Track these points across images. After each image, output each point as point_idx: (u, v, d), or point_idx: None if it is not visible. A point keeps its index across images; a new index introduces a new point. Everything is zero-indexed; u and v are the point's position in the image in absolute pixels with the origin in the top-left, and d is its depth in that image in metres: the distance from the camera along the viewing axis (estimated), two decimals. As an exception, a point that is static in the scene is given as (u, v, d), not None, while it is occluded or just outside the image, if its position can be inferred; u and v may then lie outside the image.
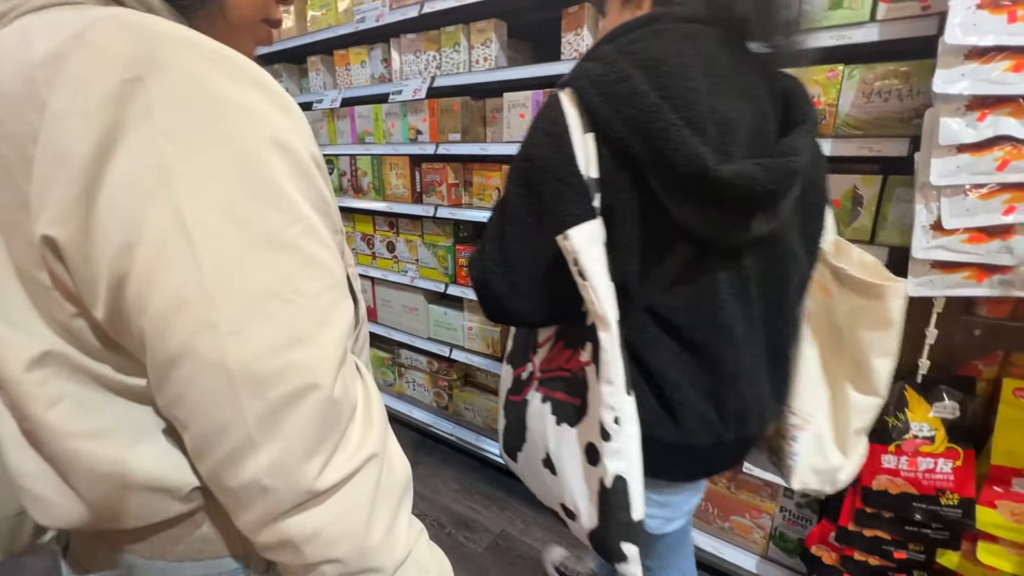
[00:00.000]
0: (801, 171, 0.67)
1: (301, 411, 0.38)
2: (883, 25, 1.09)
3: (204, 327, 0.36)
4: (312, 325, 0.39)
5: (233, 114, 0.36)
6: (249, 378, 0.37)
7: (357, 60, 2.15)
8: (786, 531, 1.54)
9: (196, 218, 0.35)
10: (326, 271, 0.41)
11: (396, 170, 2.11)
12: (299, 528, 0.41)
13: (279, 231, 0.38)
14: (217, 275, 0.36)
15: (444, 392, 2.36)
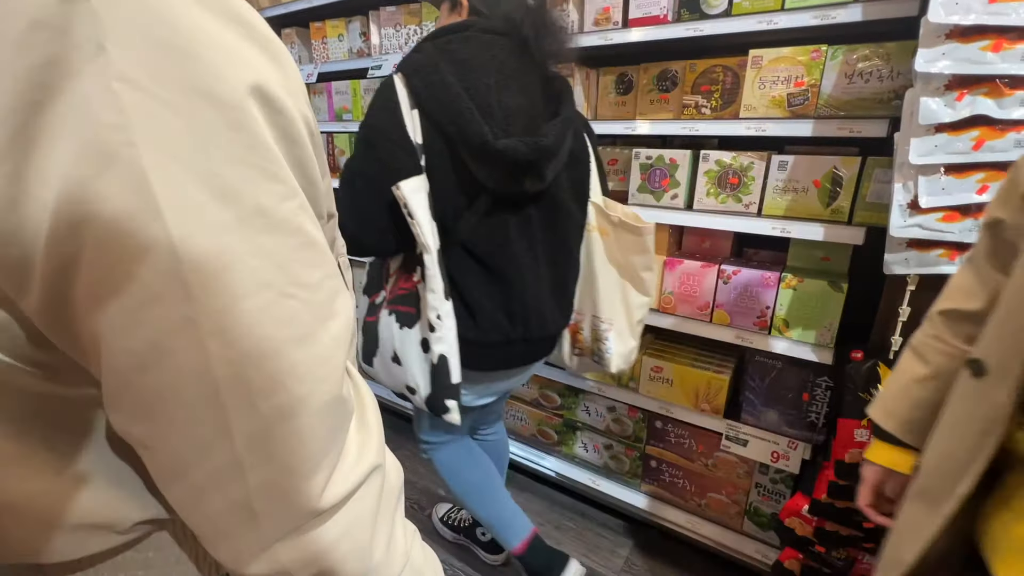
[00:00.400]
0: (552, 149, 0.97)
1: (302, 423, 0.32)
2: (866, 5, 1.10)
3: (181, 325, 0.28)
4: (314, 321, 0.33)
5: (208, 54, 0.28)
6: (239, 387, 0.30)
7: (334, 33, 2.08)
8: (760, 506, 1.58)
9: (168, 190, 0.27)
10: (325, 256, 0.34)
11: (375, 148, 2.05)
12: (299, 553, 0.34)
13: (273, 206, 0.30)
14: (198, 262, 0.28)
15: (424, 376, 2.34)
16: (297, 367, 0.31)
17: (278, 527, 0.34)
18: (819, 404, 1.40)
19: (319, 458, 0.34)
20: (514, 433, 2.08)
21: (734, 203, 1.38)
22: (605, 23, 1.46)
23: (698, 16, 1.32)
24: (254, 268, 0.30)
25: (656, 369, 1.61)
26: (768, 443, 1.47)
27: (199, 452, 0.31)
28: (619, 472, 1.84)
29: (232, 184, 0.29)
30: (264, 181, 0.30)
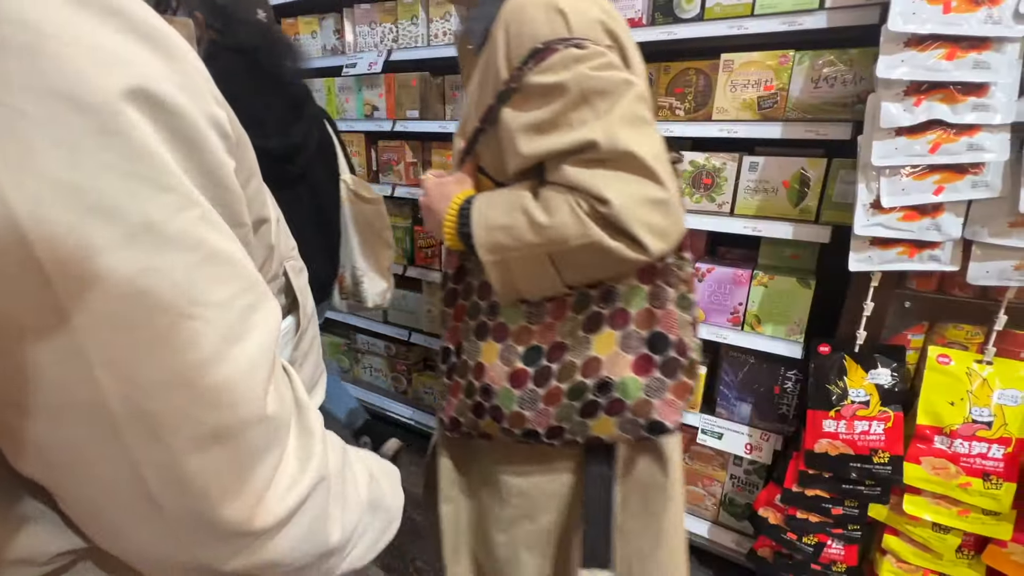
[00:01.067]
0: (299, 145, 1.29)
1: (218, 452, 0.29)
2: (831, 13, 1.14)
3: (65, 360, 0.25)
4: (223, 342, 0.29)
5: (70, 52, 0.24)
6: (140, 422, 0.27)
7: (307, 30, 2.04)
8: (735, 497, 1.63)
9: (30, 210, 0.23)
10: (236, 269, 0.31)
11: (351, 147, 2.03)
12: (253, 564, 0.33)
13: (165, 220, 0.27)
14: (75, 289, 0.24)
15: (403, 376, 2.32)
16: (205, 395, 0.28)
17: (217, 551, 0.31)
18: (789, 396, 1.45)
19: (244, 482, 0.31)
20: (494, 432, 2.08)
21: (708, 203, 1.42)
22: (581, 25, 1.48)
23: (672, 20, 1.35)
24: (146, 290, 0.26)
25: (634, 366, 1.64)
26: (742, 436, 1.51)
27: (108, 494, 0.29)
28: (598, 468, 1.87)
29: (110, 198, 0.25)
30: (151, 192, 0.26)
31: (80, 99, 0.24)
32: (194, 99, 0.29)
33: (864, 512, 1.25)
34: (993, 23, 0.90)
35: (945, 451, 1.12)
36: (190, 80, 0.29)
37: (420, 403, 2.29)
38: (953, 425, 1.11)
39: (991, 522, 1.12)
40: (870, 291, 1.17)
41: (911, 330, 1.22)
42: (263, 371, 0.31)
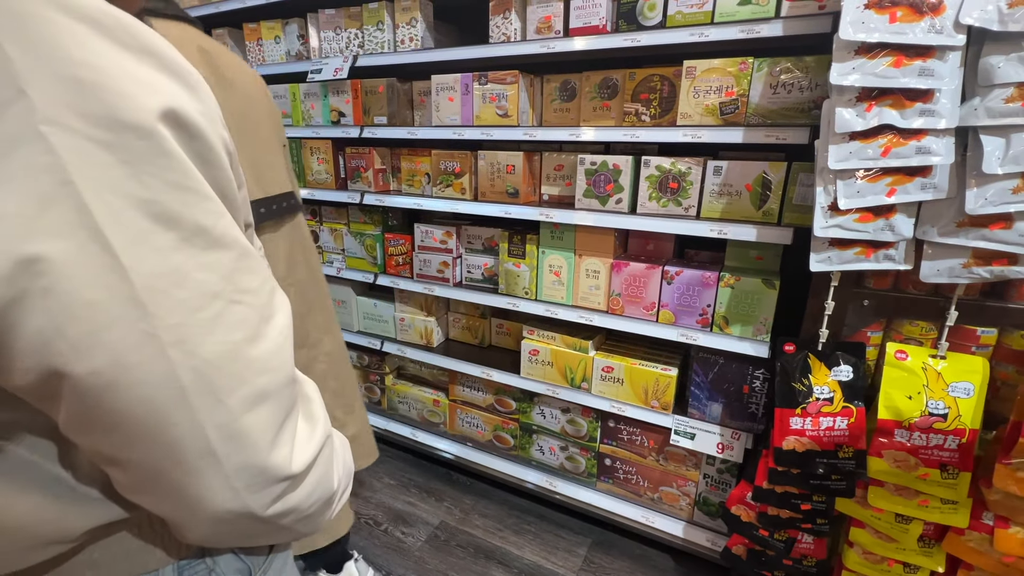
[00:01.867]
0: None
1: (265, 408, 0.37)
2: (786, 21, 1.18)
3: (142, 341, 0.31)
4: (261, 320, 0.37)
5: (127, 88, 0.30)
6: (206, 387, 0.34)
7: (270, 35, 2.00)
8: (709, 496, 1.65)
9: (112, 222, 0.29)
10: (259, 262, 0.39)
11: (317, 154, 1.99)
12: (284, 508, 0.41)
13: (211, 225, 0.34)
14: (152, 285, 0.31)
15: (376, 387, 2.28)
16: (253, 363, 0.36)
17: (264, 497, 0.39)
18: (758, 395, 1.48)
19: (283, 430, 0.39)
20: (471, 440, 2.07)
21: (674, 207, 1.44)
22: (547, 31, 1.49)
23: (635, 27, 1.37)
24: (202, 282, 0.33)
25: (607, 369, 1.65)
26: (714, 435, 1.54)
27: (176, 452, 0.34)
28: (575, 473, 1.87)
29: (171, 207, 0.32)
30: (200, 201, 0.33)
31: (137, 124, 0.30)
32: (211, 123, 0.35)
33: (831, 506, 1.28)
34: (936, 32, 0.94)
35: (905, 444, 1.16)
36: (207, 107, 0.35)
37: (395, 414, 2.25)
38: (912, 418, 1.15)
39: (949, 511, 1.16)
40: (831, 290, 1.20)
41: (870, 327, 1.26)
42: (289, 342, 0.40)
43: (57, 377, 0.30)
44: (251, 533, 0.42)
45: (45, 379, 0.31)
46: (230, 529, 0.40)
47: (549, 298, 1.70)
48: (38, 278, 0.28)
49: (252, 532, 0.42)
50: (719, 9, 1.25)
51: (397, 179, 1.96)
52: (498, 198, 1.69)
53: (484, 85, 1.60)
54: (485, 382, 1.97)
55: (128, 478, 0.37)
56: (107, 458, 0.35)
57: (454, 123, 1.69)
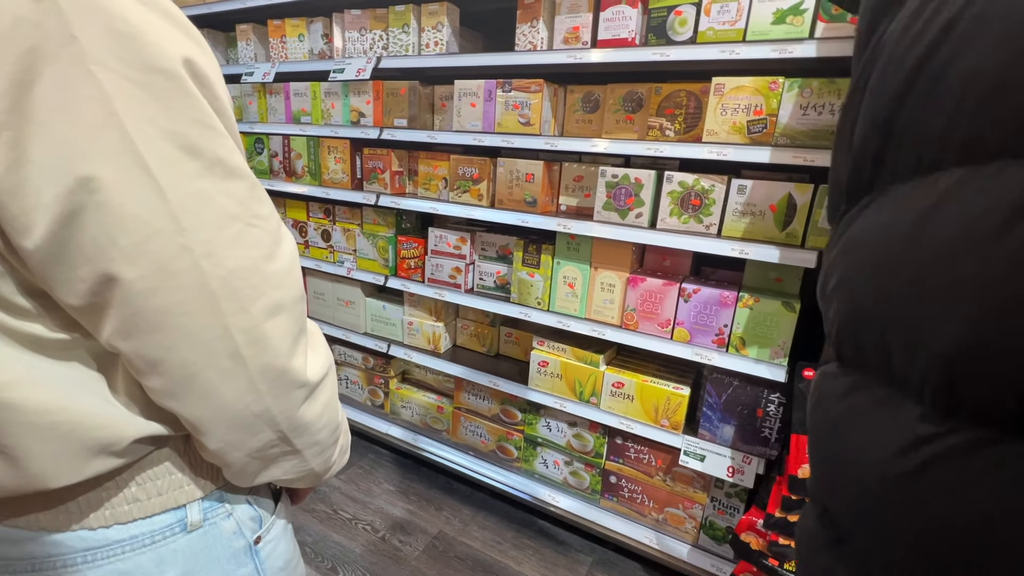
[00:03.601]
0: None
1: (282, 317, 0.42)
2: (820, 43, 1.16)
3: (180, 252, 0.37)
4: (273, 243, 0.42)
5: (153, 38, 0.35)
6: (232, 295, 0.39)
7: (294, 33, 2.00)
8: (716, 520, 1.61)
9: (151, 149, 0.35)
10: (265, 193, 0.44)
11: (335, 154, 1.99)
12: (301, 420, 0.46)
13: (227, 157, 0.39)
14: (185, 204, 0.36)
15: (380, 390, 2.26)
16: (270, 278, 0.41)
17: (281, 402, 0.44)
18: (772, 420, 1.45)
19: (298, 342, 0.44)
20: (473, 449, 2.04)
21: (696, 224, 1.42)
22: (574, 42, 1.48)
23: (665, 42, 1.36)
24: (224, 205, 0.39)
25: (617, 385, 1.62)
26: (724, 458, 1.50)
27: (208, 352, 0.39)
28: (578, 488, 1.84)
29: (195, 140, 0.37)
30: (217, 136, 0.39)
31: (166, 69, 0.35)
32: (216, 76, 0.40)
33: (845, 539, 1.24)
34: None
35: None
36: (212, 62, 0.40)
37: (397, 418, 2.22)
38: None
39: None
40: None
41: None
42: (297, 265, 0.45)
43: (110, 283, 0.36)
44: (267, 449, 0.46)
45: (99, 287, 0.36)
46: (250, 439, 0.45)
47: (562, 310, 1.68)
48: (93, 194, 0.33)
49: (269, 447, 0.46)
50: (752, 27, 1.24)
51: (414, 182, 1.94)
52: (515, 206, 1.67)
53: (508, 92, 1.59)
54: (491, 391, 1.94)
55: (164, 382, 0.40)
56: (149, 361, 0.39)
57: (475, 129, 1.68)
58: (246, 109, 2.20)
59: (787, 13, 1.19)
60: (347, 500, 1.95)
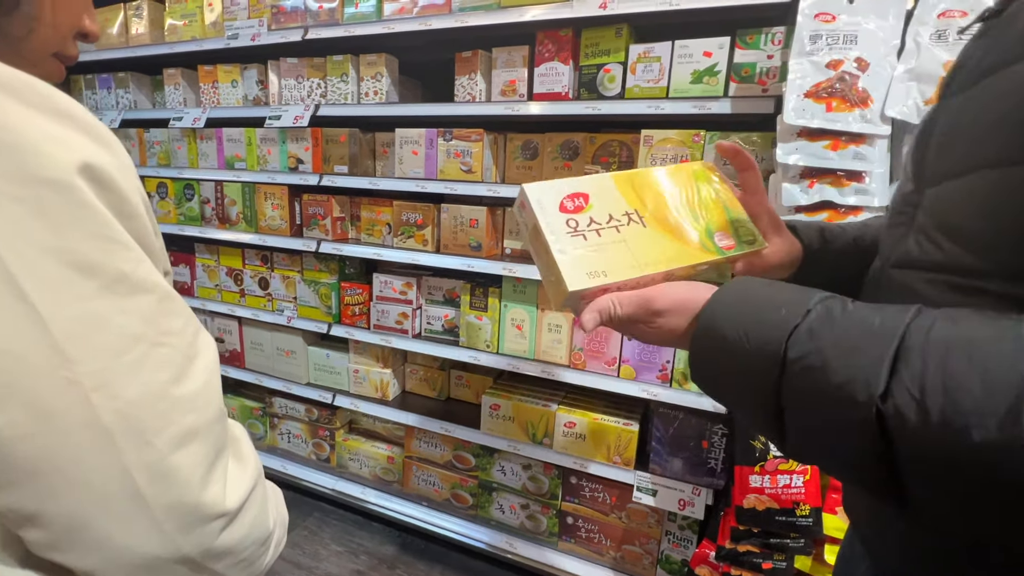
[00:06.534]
0: None
1: (195, 445, 0.38)
2: (734, 100, 1.27)
3: (63, 388, 0.32)
4: (185, 360, 0.38)
5: (37, 145, 0.32)
6: (132, 428, 0.34)
7: (227, 79, 1.95)
8: (671, 553, 1.63)
9: (28, 271, 0.31)
10: (180, 304, 0.40)
11: (272, 200, 1.93)
12: (222, 546, 0.40)
13: (132, 270, 0.35)
14: (72, 331, 0.32)
15: (325, 443, 2.15)
16: (181, 402, 0.37)
17: (198, 538, 0.38)
18: (717, 450, 1.50)
19: (215, 467, 0.39)
20: (427, 499, 1.97)
21: (634, 265, 1.48)
22: (511, 94, 1.54)
23: (596, 96, 1.44)
24: (124, 326, 0.35)
25: (569, 424, 1.63)
26: (675, 491, 1.53)
27: (100, 498, 0.34)
28: (536, 532, 1.81)
29: (90, 256, 0.33)
30: (119, 249, 0.35)
31: (53, 179, 0.32)
32: (125, 177, 0.36)
33: (791, 564, 1.29)
34: (866, 122, 1.04)
35: (856, 500, 1.20)
36: (121, 161, 0.37)
37: (345, 471, 2.11)
38: (861, 475, 1.20)
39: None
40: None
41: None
42: (216, 380, 0.41)
43: None
44: None
45: None
46: None
47: (511, 352, 1.68)
48: None
49: None
50: (673, 85, 1.34)
51: (356, 227, 1.92)
52: (461, 251, 1.68)
53: (449, 141, 1.62)
54: (443, 438, 1.90)
55: (48, 535, 0.35)
56: (25, 515, 0.34)
57: (418, 176, 1.69)
58: (174, 154, 2.11)
59: (703, 74, 1.30)
60: (291, 568, 1.81)
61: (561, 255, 0.55)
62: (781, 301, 0.44)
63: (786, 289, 0.46)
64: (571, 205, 0.59)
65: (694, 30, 1.32)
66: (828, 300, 0.43)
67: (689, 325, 0.50)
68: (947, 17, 1.02)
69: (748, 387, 0.44)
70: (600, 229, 0.58)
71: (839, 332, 0.39)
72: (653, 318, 0.52)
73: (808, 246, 0.66)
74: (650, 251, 0.57)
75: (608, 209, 0.59)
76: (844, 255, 0.67)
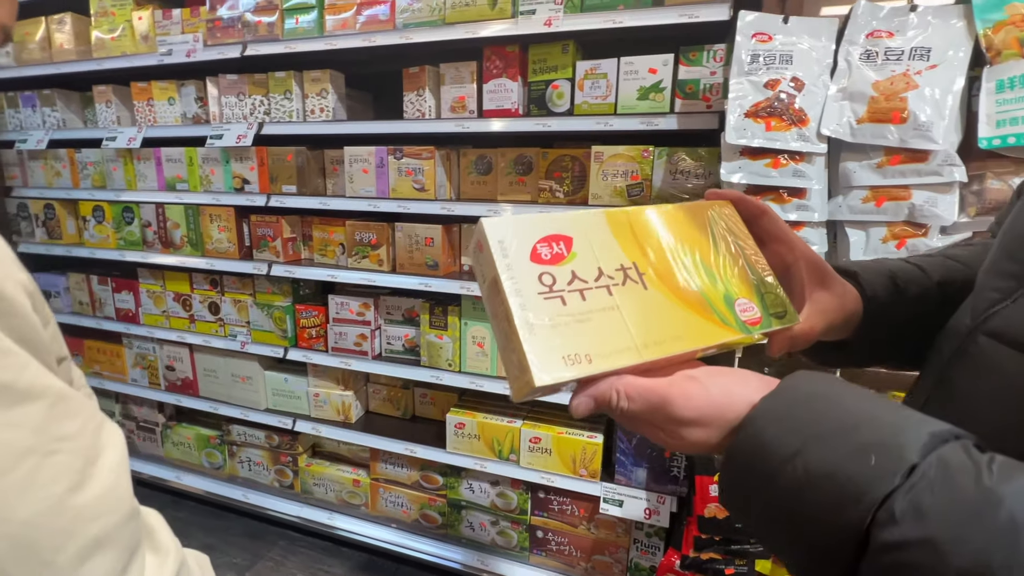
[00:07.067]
0: None
1: (103, 555, 0.34)
2: (680, 116, 1.29)
3: None
4: (86, 463, 0.35)
5: None
6: (26, 551, 0.31)
7: (163, 96, 1.85)
8: (640, 561, 1.65)
9: None
10: (77, 401, 0.36)
11: (218, 222, 1.85)
12: None
13: (16, 378, 0.32)
14: None
15: (288, 469, 2.08)
16: (84, 510, 0.34)
17: None
18: (679, 458, 1.53)
19: (128, 573, 0.36)
20: (395, 521, 1.93)
21: (591, 280, 1.49)
22: (461, 110, 1.52)
23: (546, 112, 1.43)
24: (10, 441, 0.31)
25: (535, 440, 1.63)
26: (641, 500, 1.55)
27: None
28: (507, 548, 1.80)
29: None
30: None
31: None
32: (2, 272, 0.33)
33: (752, 569, 1.33)
34: (804, 140, 1.06)
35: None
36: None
37: (310, 497, 2.06)
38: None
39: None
40: (735, 361, 1.29)
41: (772, 392, 1.35)
42: (124, 476, 0.37)
43: None
44: None
45: None
46: None
47: (473, 370, 1.66)
48: None
49: None
50: (621, 102, 1.34)
51: (309, 247, 1.86)
52: (417, 270, 1.65)
53: (400, 159, 1.58)
54: (409, 458, 1.86)
55: None
56: None
57: (369, 195, 1.65)
58: (110, 176, 1.99)
59: (649, 90, 1.31)
60: (255, 603, 1.75)
61: (527, 330, 0.39)
62: (868, 437, 0.30)
63: (874, 408, 0.32)
64: (547, 252, 0.43)
65: (640, 47, 1.33)
66: (943, 448, 0.28)
67: (723, 439, 0.37)
68: (875, 37, 1.05)
69: (805, 551, 0.32)
70: (585, 290, 0.42)
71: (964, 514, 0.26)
72: (672, 427, 0.39)
73: (872, 298, 0.52)
74: (654, 326, 0.42)
75: (598, 261, 0.43)
76: (924, 304, 0.52)
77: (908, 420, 0.31)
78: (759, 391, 0.36)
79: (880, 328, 0.52)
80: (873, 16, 1.06)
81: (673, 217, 0.49)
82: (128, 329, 2.11)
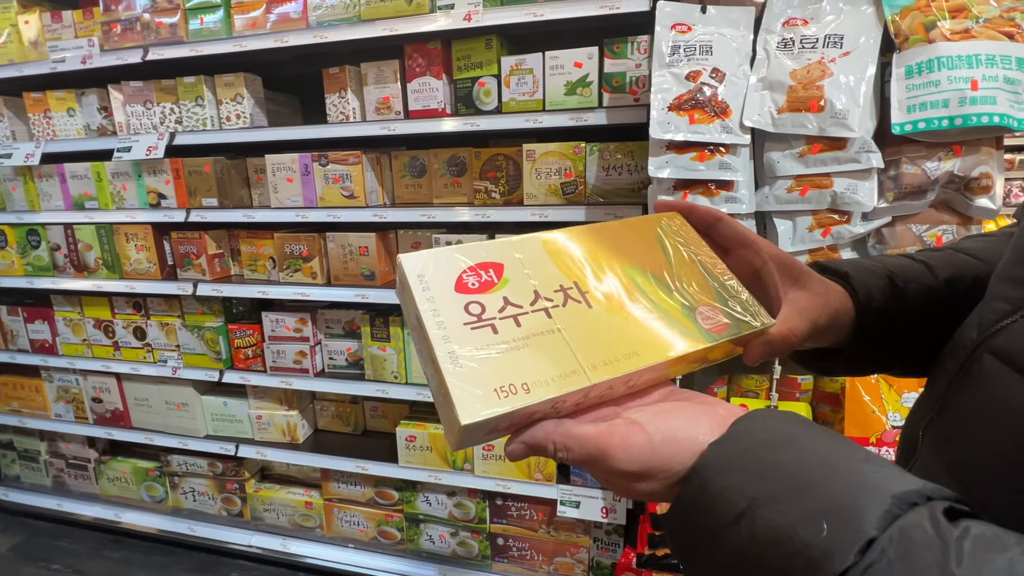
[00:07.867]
0: None
1: None
2: (608, 111, 1.26)
3: None
4: None
5: None
6: None
7: (61, 107, 1.70)
8: (601, 559, 1.65)
9: None
10: None
11: (136, 241, 1.71)
12: None
13: None
14: None
15: (235, 496, 1.97)
16: None
17: None
18: (632, 455, 1.52)
19: None
20: (353, 541, 1.86)
21: (533, 281, 1.45)
22: (387, 112, 1.44)
23: (473, 111, 1.38)
24: None
25: (488, 448, 1.59)
26: (597, 500, 1.54)
27: None
28: (469, 557, 1.76)
29: None
30: None
31: None
32: None
33: (706, 560, 1.33)
34: (728, 132, 1.05)
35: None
36: None
37: (261, 523, 1.96)
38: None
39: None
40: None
41: (716, 384, 1.36)
42: None
43: None
44: None
45: None
46: None
47: (421, 380, 1.61)
48: None
49: None
50: (549, 98, 1.30)
51: (238, 263, 1.75)
52: (354, 281, 1.58)
53: (325, 166, 1.50)
54: (362, 476, 1.79)
55: None
56: None
57: (296, 205, 1.55)
58: (9, 196, 1.82)
59: (576, 85, 1.27)
60: (205, 642, 1.66)
61: (450, 362, 0.34)
62: (822, 499, 0.26)
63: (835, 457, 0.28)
64: (474, 281, 0.39)
65: (567, 41, 1.29)
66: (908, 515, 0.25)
67: (670, 489, 0.33)
68: (791, 25, 1.04)
69: None
70: (520, 315, 0.38)
71: None
72: (614, 479, 0.35)
73: (866, 301, 0.46)
74: (602, 345, 0.37)
75: (534, 284, 0.40)
76: (929, 305, 0.47)
77: (871, 476, 0.27)
78: (710, 433, 0.32)
79: (879, 333, 0.47)
80: (788, 4, 1.05)
81: (617, 233, 0.46)
82: (46, 361, 1.94)
